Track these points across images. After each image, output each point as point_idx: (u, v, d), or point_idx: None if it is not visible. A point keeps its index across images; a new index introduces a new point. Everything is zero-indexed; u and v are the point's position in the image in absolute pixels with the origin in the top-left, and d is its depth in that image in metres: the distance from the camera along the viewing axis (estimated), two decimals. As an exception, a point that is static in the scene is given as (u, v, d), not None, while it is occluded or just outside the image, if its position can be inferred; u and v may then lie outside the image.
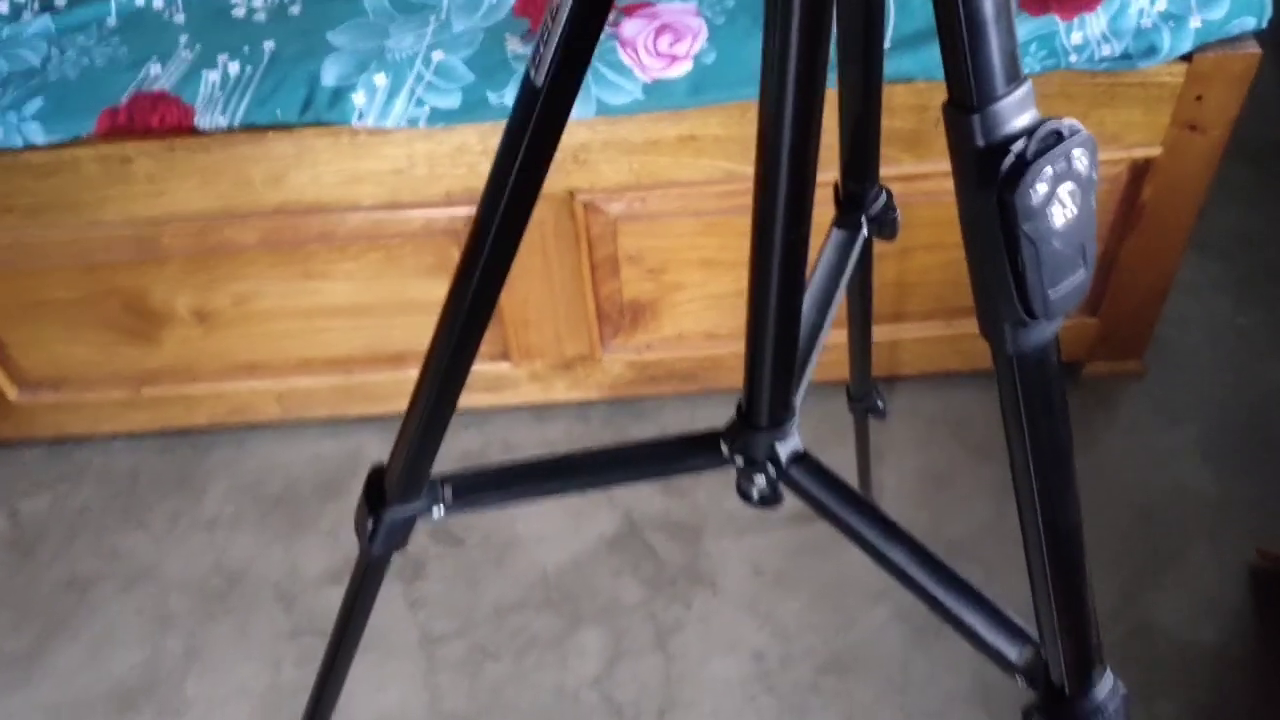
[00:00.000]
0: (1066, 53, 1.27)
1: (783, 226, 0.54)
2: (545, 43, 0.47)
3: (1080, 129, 0.42)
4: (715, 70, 1.28)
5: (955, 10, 0.40)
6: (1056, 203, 0.41)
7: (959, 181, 0.43)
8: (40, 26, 1.36)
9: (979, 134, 0.41)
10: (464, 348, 0.59)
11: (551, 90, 0.48)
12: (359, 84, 1.27)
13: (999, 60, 0.41)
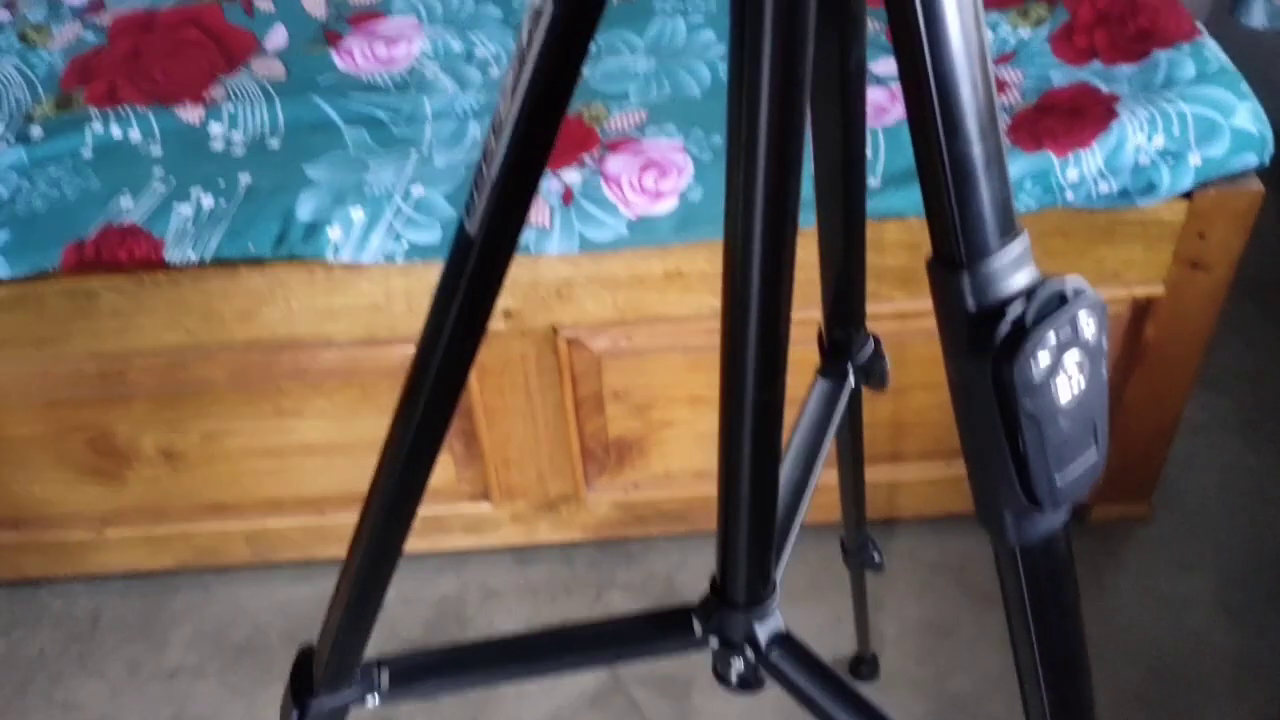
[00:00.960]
0: (1063, 190, 1.23)
1: (753, 386, 0.49)
2: (478, 189, 0.42)
3: (1086, 289, 0.36)
4: (701, 207, 1.25)
5: (939, 155, 0.35)
6: (1062, 374, 0.35)
7: (947, 348, 0.37)
8: (13, 158, 1.33)
9: (970, 295, 0.36)
10: (398, 513, 0.53)
11: (486, 241, 0.43)
12: (335, 218, 1.23)
13: (991, 211, 0.36)
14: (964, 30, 0.34)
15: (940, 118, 0.34)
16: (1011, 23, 1.41)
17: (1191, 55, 1.31)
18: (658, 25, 1.49)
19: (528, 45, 0.38)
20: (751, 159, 0.41)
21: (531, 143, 0.40)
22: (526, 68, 0.38)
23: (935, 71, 0.34)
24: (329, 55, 1.46)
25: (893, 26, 0.34)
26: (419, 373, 0.48)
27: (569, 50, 0.38)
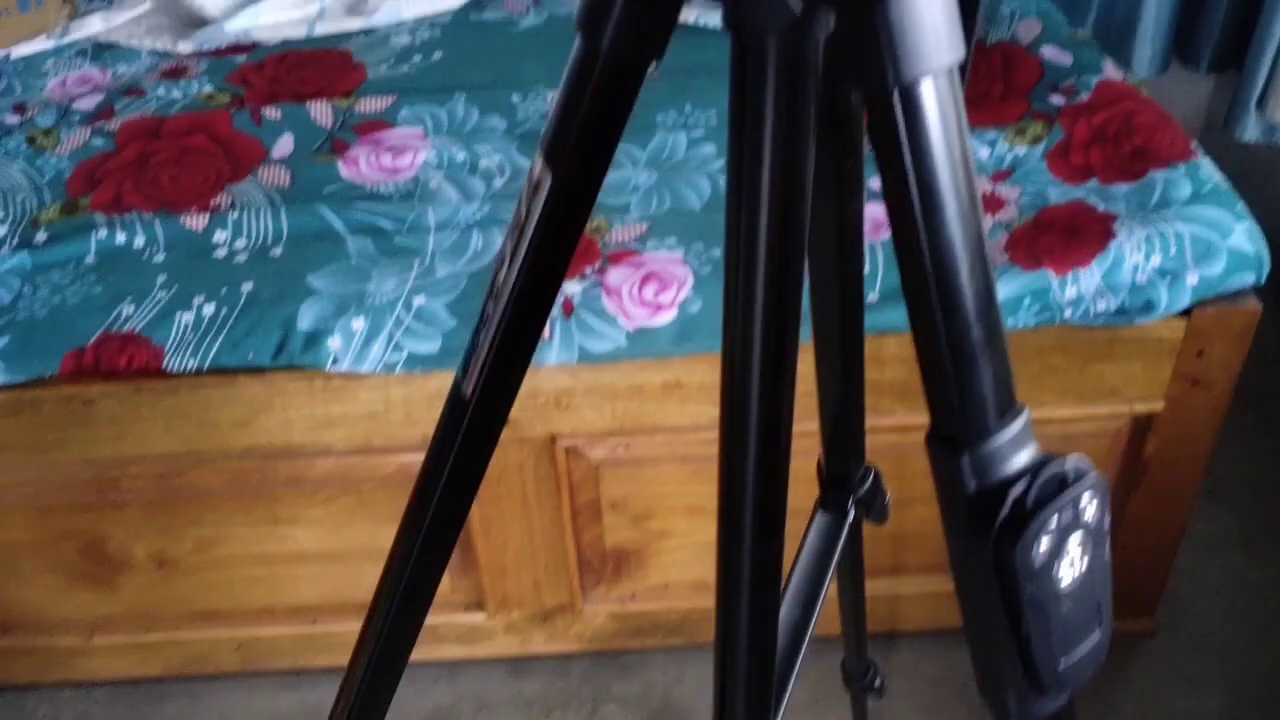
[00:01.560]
0: (1061, 308, 1.24)
1: (751, 539, 0.48)
2: (475, 353, 0.42)
3: (1088, 470, 0.36)
4: (700, 319, 1.25)
5: (937, 337, 0.34)
6: (1065, 558, 0.35)
7: (948, 526, 0.37)
8: (16, 263, 1.34)
9: (970, 477, 0.35)
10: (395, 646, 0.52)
11: (481, 404, 0.43)
12: (336, 328, 1.24)
13: (991, 391, 0.35)
14: (961, 215, 0.35)
15: (939, 300, 0.34)
16: (1009, 140, 1.43)
17: (1187, 175, 1.32)
18: (659, 139, 1.51)
19: (526, 216, 0.38)
20: (750, 274, 0.41)
21: (529, 311, 0.40)
22: (525, 238, 0.38)
23: (933, 258, 0.34)
24: (335, 164, 1.48)
25: (890, 214, 0.34)
26: (412, 526, 0.47)
27: (567, 223, 0.38)
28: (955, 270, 0.34)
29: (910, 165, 0.34)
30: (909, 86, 0.33)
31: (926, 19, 0.32)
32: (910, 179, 0.34)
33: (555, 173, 0.38)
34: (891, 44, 0.32)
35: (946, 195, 0.34)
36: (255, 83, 1.64)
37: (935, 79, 0.33)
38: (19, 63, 1.69)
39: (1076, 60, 1.55)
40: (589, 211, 0.38)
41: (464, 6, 1.81)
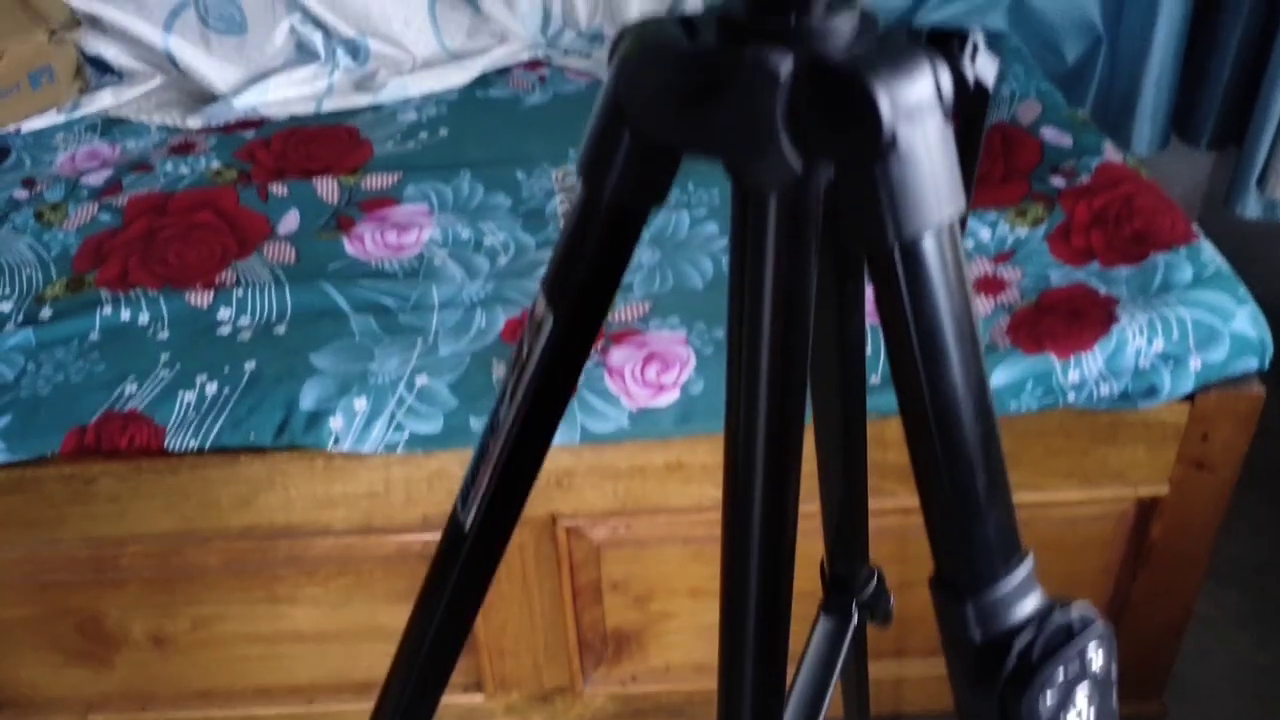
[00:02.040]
0: (1064, 391, 1.23)
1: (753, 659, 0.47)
2: (474, 485, 0.42)
3: (1094, 619, 0.35)
4: (703, 400, 1.25)
5: (940, 485, 0.34)
6: (1071, 710, 0.34)
7: (953, 674, 0.36)
8: (21, 339, 1.34)
9: (974, 626, 0.35)
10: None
11: (480, 536, 0.43)
12: (338, 408, 1.23)
13: (995, 538, 0.35)
14: (963, 364, 0.35)
15: (941, 449, 0.34)
16: (1010, 221, 1.43)
17: (1188, 258, 1.33)
18: (661, 218, 1.52)
19: (527, 354, 0.38)
20: (752, 400, 0.41)
21: (528, 447, 0.40)
22: (526, 375, 0.38)
23: (935, 407, 0.34)
24: (340, 241, 1.49)
25: (892, 363, 0.34)
26: (412, 651, 0.47)
27: (567, 362, 0.38)
28: (958, 419, 0.34)
29: (911, 318, 0.34)
30: (909, 243, 0.33)
31: (926, 176, 0.32)
32: (912, 331, 0.34)
33: (556, 314, 0.38)
34: (891, 201, 0.32)
35: (948, 346, 0.34)
36: (262, 159, 1.66)
37: (936, 234, 0.33)
38: (29, 137, 1.71)
39: (1076, 142, 1.56)
40: (589, 351, 0.38)
41: (470, 83, 1.83)
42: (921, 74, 0.33)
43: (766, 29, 0.34)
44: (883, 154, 0.31)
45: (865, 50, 0.33)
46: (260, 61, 1.81)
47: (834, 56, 0.33)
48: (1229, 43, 1.87)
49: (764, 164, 0.33)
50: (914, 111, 0.33)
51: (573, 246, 0.40)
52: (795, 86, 0.33)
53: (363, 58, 1.83)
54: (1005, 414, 1.24)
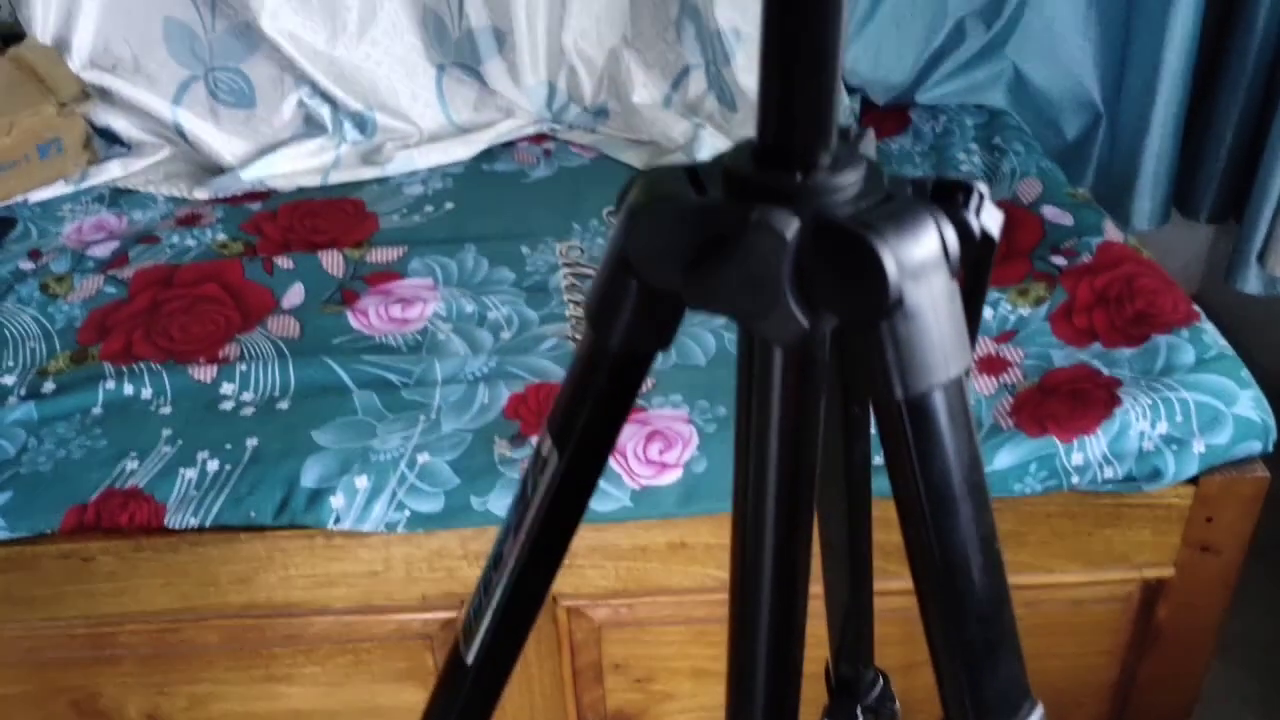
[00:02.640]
0: (1068, 474, 1.23)
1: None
2: (476, 618, 0.42)
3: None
4: (706, 479, 1.24)
5: (948, 637, 0.34)
6: None
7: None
8: (23, 413, 1.34)
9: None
10: None
11: (482, 671, 0.42)
12: (339, 486, 1.23)
13: (1003, 690, 0.35)
14: (973, 517, 0.34)
15: (949, 603, 0.34)
16: (1011, 301, 1.44)
17: (1190, 341, 1.33)
18: (666, 292, 1.52)
19: (532, 491, 0.38)
20: (761, 493, 0.41)
21: (531, 583, 0.40)
22: (530, 512, 0.38)
23: (943, 560, 0.34)
24: (344, 315, 1.49)
25: (900, 515, 0.34)
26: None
27: (571, 501, 0.38)
28: (966, 572, 0.34)
29: (919, 474, 0.34)
30: (916, 399, 0.33)
31: (933, 333, 0.32)
32: (919, 486, 0.34)
33: (561, 453, 0.38)
34: (898, 359, 0.32)
35: (956, 500, 0.34)
36: (269, 231, 1.67)
37: (943, 389, 0.33)
38: (36, 207, 1.72)
39: (1077, 221, 1.57)
40: (593, 490, 0.38)
41: (475, 157, 1.85)
42: (926, 232, 0.34)
43: (772, 186, 0.34)
44: (889, 313, 0.32)
45: (870, 207, 0.34)
46: (268, 134, 1.83)
47: (840, 215, 0.33)
48: (1228, 118, 1.89)
49: (771, 321, 0.33)
50: (920, 270, 0.33)
51: (579, 389, 0.40)
52: (801, 245, 0.33)
53: (370, 131, 1.85)
54: (1009, 496, 1.24)
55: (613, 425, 0.40)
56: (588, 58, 1.89)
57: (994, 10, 1.86)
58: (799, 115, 0.34)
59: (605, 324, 0.40)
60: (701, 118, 1.86)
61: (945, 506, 0.34)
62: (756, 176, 0.35)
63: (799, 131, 0.34)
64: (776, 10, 0.32)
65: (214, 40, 1.80)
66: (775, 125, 0.35)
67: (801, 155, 0.34)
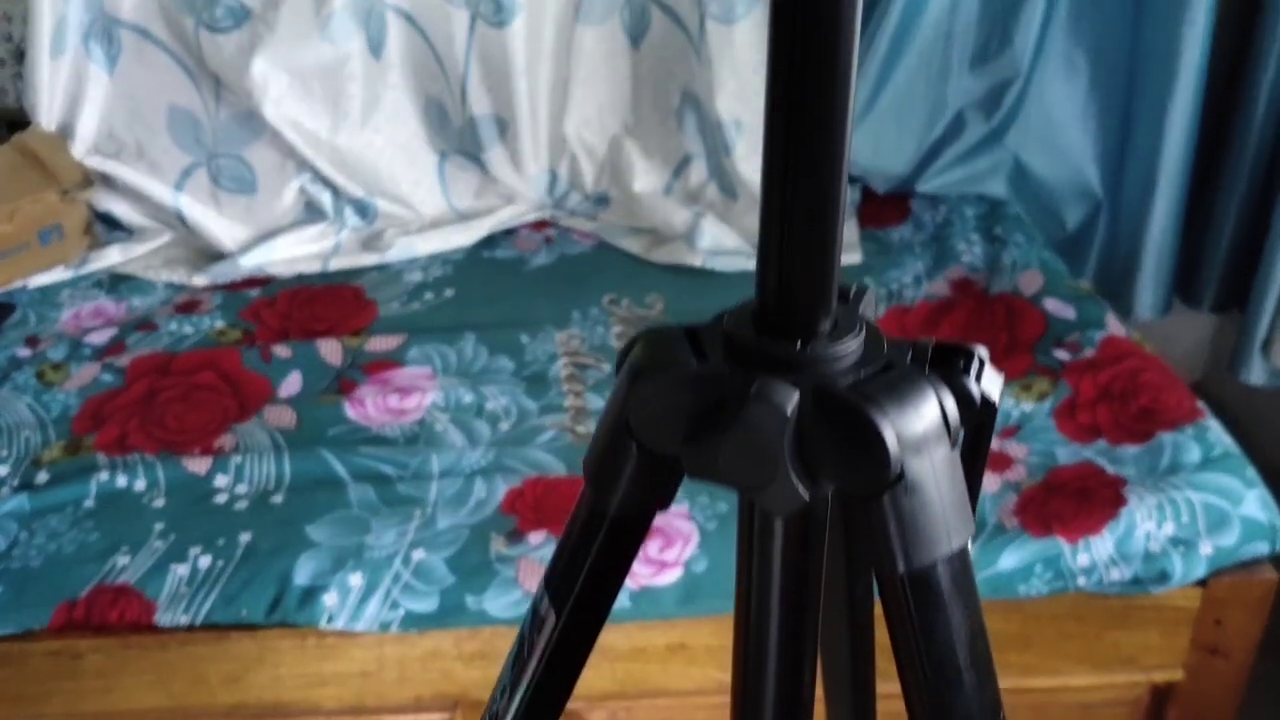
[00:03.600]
0: (1074, 575, 1.21)
1: None
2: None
3: None
4: (707, 578, 1.23)
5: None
6: None
7: None
8: (15, 505, 1.33)
9: None
10: None
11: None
12: (332, 584, 1.21)
13: None
14: (977, 687, 0.33)
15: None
16: (1015, 396, 1.43)
17: (1195, 438, 1.32)
18: (666, 383, 1.51)
19: (529, 650, 0.37)
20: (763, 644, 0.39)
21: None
22: (527, 671, 0.37)
23: None
24: (341, 405, 1.48)
25: (903, 686, 0.33)
26: None
27: (568, 660, 0.36)
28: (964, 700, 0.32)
29: (922, 645, 0.32)
30: (919, 573, 0.32)
31: (935, 506, 0.31)
32: (922, 658, 0.33)
33: (559, 613, 0.37)
34: (900, 533, 0.31)
35: (960, 671, 0.33)
36: (267, 318, 1.66)
37: (946, 563, 0.32)
38: (35, 293, 1.72)
39: (1080, 314, 1.56)
40: (590, 649, 0.37)
41: (476, 243, 1.85)
42: (927, 403, 0.33)
43: (772, 354, 0.34)
44: (890, 487, 0.31)
45: (870, 377, 0.33)
46: (269, 220, 1.83)
47: (840, 386, 0.32)
48: (1229, 207, 1.90)
49: (771, 494, 0.32)
50: (920, 444, 0.32)
51: (577, 548, 0.39)
52: (802, 415, 0.32)
53: (371, 217, 1.86)
54: (1015, 598, 1.22)
55: (612, 585, 0.39)
56: (589, 146, 1.90)
57: (993, 101, 1.88)
58: (799, 281, 0.33)
59: (605, 486, 0.39)
60: (702, 206, 1.86)
61: (948, 679, 0.32)
62: (757, 344, 0.35)
63: (799, 297, 0.34)
64: (778, 176, 0.31)
65: (218, 127, 1.81)
66: (775, 290, 0.34)
67: (802, 322, 0.34)
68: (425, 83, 1.84)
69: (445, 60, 1.81)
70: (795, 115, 0.34)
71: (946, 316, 1.61)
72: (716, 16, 1.73)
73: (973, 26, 1.83)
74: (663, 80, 1.86)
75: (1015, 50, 1.82)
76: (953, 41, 1.84)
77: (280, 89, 1.75)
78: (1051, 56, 1.86)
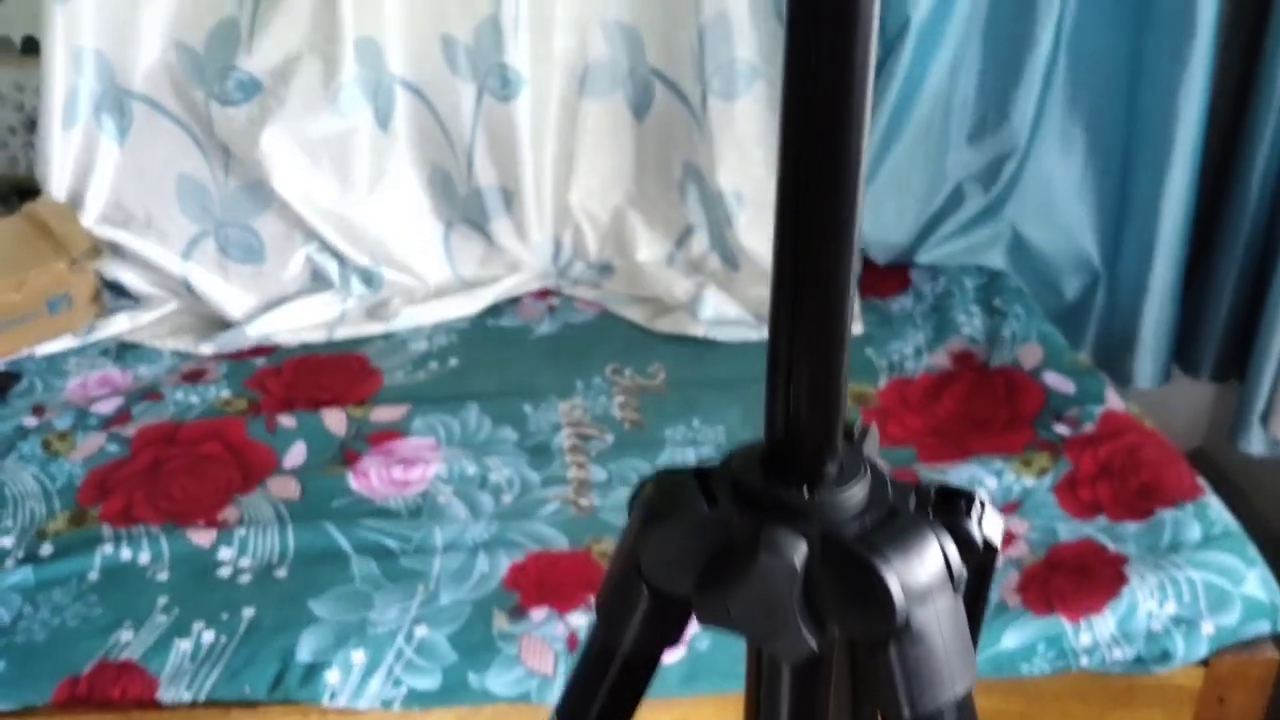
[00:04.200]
0: (1076, 655, 1.21)
1: None
2: None
3: None
4: (711, 657, 1.23)
5: None
6: None
7: None
8: (19, 578, 1.33)
9: None
10: None
11: None
12: (335, 661, 1.21)
13: None
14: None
15: None
16: (1015, 471, 1.44)
17: (1196, 516, 1.32)
18: (667, 455, 1.52)
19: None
20: None
21: None
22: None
23: None
24: (345, 476, 1.49)
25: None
26: None
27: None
28: None
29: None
30: (924, 718, 0.32)
31: (939, 654, 0.32)
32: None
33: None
34: (905, 681, 0.32)
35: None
36: (272, 388, 1.68)
37: (952, 709, 0.33)
38: (43, 361, 1.73)
39: (1079, 388, 1.57)
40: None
41: (481, 312, 1.86)
42: (931, 553, 0.34)
43: (781, 502, 0.35)
44: (896, 635, 0.31)
45: (876, 526, 0.34)
46: (275, 289, 1.85)
47: (847, 535, 0.33)
48: (1227, 277, 1.91)
49: (780, 642, 0.33)
50: (925, 593, 0.33)
51: (588, 684, 0.40)
52: (810, 565, 0.33)
53: (376, 285, 1.87)
54: (1017, 677, 1.22)
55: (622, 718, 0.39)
56: (593, 216, 1.92)
57: (992, 173, 1.90)
58: (806, 425, 0.34)
59: (616, 624, 0.39)
60: (704, 276, 1.88)
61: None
62: (765, 489, 0.36)
63: (806, 441, 0.35)
64: (785, 323, 0.32)
65: (226, 197, 1.84)
66: (783, 433, 0.35)
67: (809, 466, 0.35)
68: (431, 154, 1.87)
69: (452, 132, 1.84)
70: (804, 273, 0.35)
71: (948, 389, 1.62)
72: (718, 92, 1.76)
73: (971, 101, 1.86)
74: (665, 153, 1.89)
75: (1013, 124, 1.84)
76: (951, 115, 1.87)
77: (289, 160, 1.77)
78: (1049, 130, 1.89)
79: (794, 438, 0.35)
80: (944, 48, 1.79)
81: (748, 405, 1.59)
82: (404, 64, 1.79)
